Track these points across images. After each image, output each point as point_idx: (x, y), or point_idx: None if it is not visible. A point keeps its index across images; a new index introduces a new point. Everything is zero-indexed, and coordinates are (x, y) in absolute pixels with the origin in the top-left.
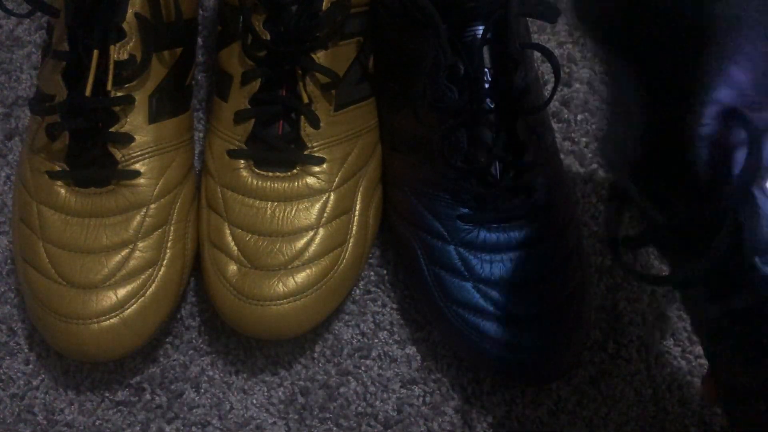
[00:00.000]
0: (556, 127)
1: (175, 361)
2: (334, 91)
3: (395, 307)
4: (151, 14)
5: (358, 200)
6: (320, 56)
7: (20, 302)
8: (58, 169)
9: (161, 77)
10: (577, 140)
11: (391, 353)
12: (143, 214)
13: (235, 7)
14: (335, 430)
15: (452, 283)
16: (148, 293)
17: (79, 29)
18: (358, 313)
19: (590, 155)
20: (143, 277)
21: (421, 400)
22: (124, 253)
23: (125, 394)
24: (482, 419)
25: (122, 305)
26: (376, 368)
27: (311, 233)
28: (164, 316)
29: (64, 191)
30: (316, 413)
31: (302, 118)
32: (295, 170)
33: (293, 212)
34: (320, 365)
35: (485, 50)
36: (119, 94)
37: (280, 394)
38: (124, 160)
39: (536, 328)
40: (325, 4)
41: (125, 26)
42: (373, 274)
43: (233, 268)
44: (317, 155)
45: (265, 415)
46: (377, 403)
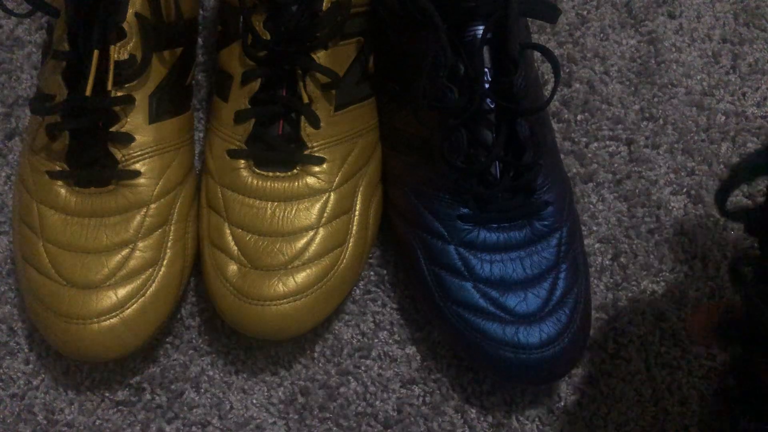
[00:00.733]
0: (556, 127)
1: (175, 361)
2: (334, 91)
3: (395, 307)
4: (151, 14)
5: (358, 200)
6: (320, 56)
7: (20, 302)
8: (58, 168)
9: (161, 77)
10: (577, 140)
11: (391, 353)
12: (143, 214)
13: (235, 7)
14: (335, 430)
15: (452, 283)
16: (148, 293)
17: (79, 29)
18: (358, 313)
19: (590, 155)
20: (143, 277)
21: (421, 400)
22: (124, 253)
23: (125, 394)
24: (482, 419)
25: (122, 305)
26: (376, 368)
27: (311, 233)
28: (164, 316)
29: (64, 191)
30: (316, 413)
31: (302, 118)
32: (295, 170)
33: (293, 212)
34: (320, 365)
35: (485, 50)
36: (119, 94)
37: (280, 394)
38: (124, 160)
39: (536, 327)
40: (325, 4)
41: (125, 26)
42: (373, 274)
43: (233, 268)
44: (317, 155)
45: (265, 415)
46: (377, 403)
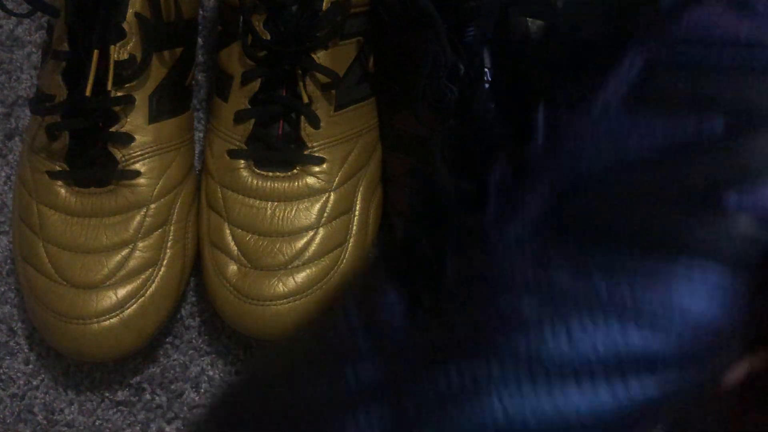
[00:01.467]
0: None
1: (175, 361)
2: (334, 91)
3: None
4: (151, 14)
5: (358, 200)
6: (320, 56)
7: (20, 302)
8: (58, 168)
9: (161, 77)
10: None
11: None
12: (143, 214)
13: (235, 7)
14: None
15: None
16: (148, 293)
17: (79, 29)
18: None
19: None
20: (143, 277)
21: None
22: (124, 253)
23: (125, 394)
24: None
25: (122, 305)
26: None
27: (311, 233)
28: (164, 316)
29: (64, 191)
30: None
31: (302, 118)
32: (295, 170)
33: (293, 212)
34: None
35: (485, 50)
36: (119, 94)
37: None
38: (124, 160)
39: None
40: (325, 4)
41: (125, 26)
42: None
43: (233, 268)
44: (317, 155)
45: None
46: None
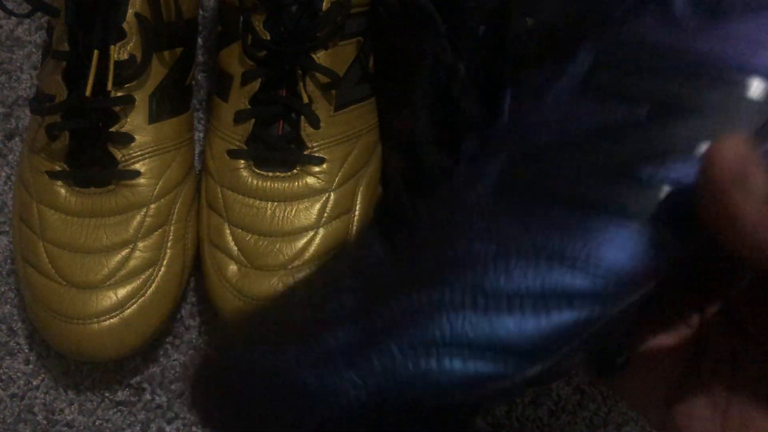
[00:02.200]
0: None
1: (175, 361)
2: (334, 91)
3: None
4: (151, 14)
5: (358, 200)
6: (320, 56)
7: (20, 302)
8: (58, 169)
9: (161, 77)
10: None
11: None
12: (143, 214)
13: (235, 7)
14: None
15: None
16: (148, 293)
17: (79, 29)
18: None
19: None
20: (143, 277)
21: None
22: (124, 253)
23: (125, 394)
24: (482, 419)
25: (122, 305)
26: None
27: (311, 233)
28: (164, 316)
29: (64, 191)
30: None
31: (302, 118)
32: (295, 170)
33: (293, 212)
34: None
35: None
36: (119, 94)
37: None
38: (124, 160)
39: None
40: (325, 4)
41: (125, 26)
42: None
43: (233, 268)
44: (317, 155)
45: None
46: None
